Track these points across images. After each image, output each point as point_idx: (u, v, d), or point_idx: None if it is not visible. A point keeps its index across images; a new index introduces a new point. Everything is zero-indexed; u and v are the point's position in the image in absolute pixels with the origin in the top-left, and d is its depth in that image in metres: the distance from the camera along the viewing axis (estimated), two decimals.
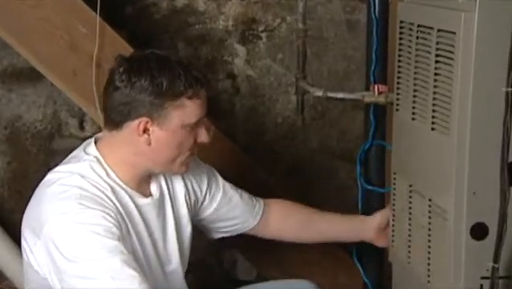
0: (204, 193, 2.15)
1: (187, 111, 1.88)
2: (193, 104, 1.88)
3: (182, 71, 1.87)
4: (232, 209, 2.21)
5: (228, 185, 2.22)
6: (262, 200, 2.28)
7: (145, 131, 1.87)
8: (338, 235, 2.34)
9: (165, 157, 1.92)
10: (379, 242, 2.33)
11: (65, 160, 1.96)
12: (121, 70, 1.87)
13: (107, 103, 1.90)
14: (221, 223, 2.22)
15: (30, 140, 2.84)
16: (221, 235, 2.26)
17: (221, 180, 2.21)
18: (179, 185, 2.08)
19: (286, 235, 2.33)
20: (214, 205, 2.18)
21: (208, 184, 2.16)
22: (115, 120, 1.89)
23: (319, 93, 2.53)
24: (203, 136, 1.94)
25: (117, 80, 1.86)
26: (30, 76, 2.76)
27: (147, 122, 1.86)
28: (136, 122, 1.86)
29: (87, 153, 1.92)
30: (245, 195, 2.25)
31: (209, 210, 2.18)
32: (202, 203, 2.16)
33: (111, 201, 1.86)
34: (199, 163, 2.17)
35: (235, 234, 2.27)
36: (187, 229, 2.09)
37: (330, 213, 2.34)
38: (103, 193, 1.86)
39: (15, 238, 2.65)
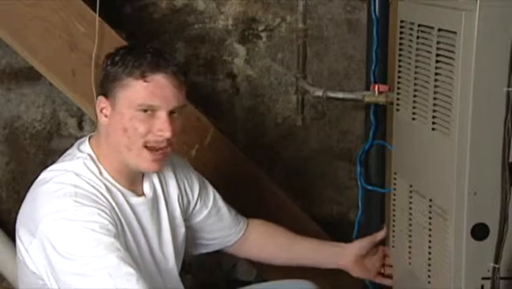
0: (196, 198, 2.14)
1: (134, 92, 1.85)
2: (138, 86, 1.85)
3: (141, 52, 1.87)
4: (219, 220, 2.20)
5: (218, 195, 2.21)
6: (245, 218, 2.28)
7: (102, 110, 1.89)
8: (315, 261, 2.32)
9: (120, 141, 1.87)
10: (355, 271, 2.31)
11: (59, 159, 1.95)
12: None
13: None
14: (205, 234, 2.21)
15: (29, 140, 2.83)
16: (200, 250, 2.25)
17: (211, 188, 2.20)
18: (172, 187, 2.07)
19: (263, 256, 2.33)
20: (205, 212, 2.17)
21: (199, 189, 2.15)
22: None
23: (319, 93, 2.53)
24: (158, 125, 1.86)
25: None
26: (29, 76, 2.75)
27: (101, 100, 1.89)
28: (97, 101, 1.90)
29: (80, 151, 1.92)
30: (232, 210, 2.24)
31: (199, 217, 2.17)
32: (194, 208, 2.15)
33: (106, 198, 1.86)
34: (190, 169, 2.16)
35: (215, 249, 2.26)
36: (181, 229, 2.08)
37: (309, 238, 2.33)
38: (97, 190, 1.85)
39: (14, 238, 2.64)
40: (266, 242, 2.30)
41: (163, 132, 1.86)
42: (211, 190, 2.20)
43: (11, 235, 2.70)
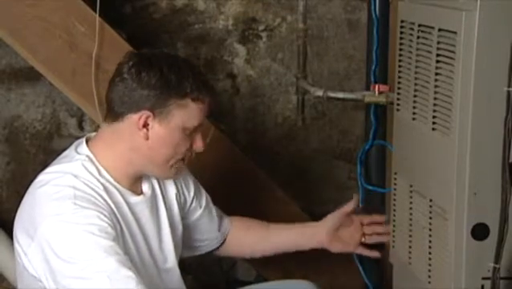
0: (191, 197, 2.15)
1: (189, 112, 1.87)
2: (196, 107, 1.87)
3: (191, 72, 1.88)
4: (210, 221, 2.21)
5: (209, 198, 2.22)
6: (228, 218, 2.28)
7: (145, 125, 1.86)
8: (293, 245, 2.31)
9: (160, 156, 1.90)
10: (333, 247, 2.29)
11: (55, 161, 1.93)
12: (131, 63, 1.87)
13: (112, 94, 1.89)
14: (198, 235, 2.21)
15: (29, 140, 2.83)
16: (189, 253, 2.23)
17: (203, 189, 2.21)
18: (170, 185, 2.07)
19: (243, 251, 2.34)
20: (199, 211, 2.17)
21: (194, 188, 2.16)
22: (117, 111, 1.87)
23: (320, 93, 2.53)
24: (199, 143, 1.93)
25: (125, 73, 1.86)
26: (29, 76, 2.75)
27: (148, 116, 1.85)
28: (138, 115, 1.85)
29: (78, 153, 1.91)
30: (219, 211, 2.25)
31: (194, 216, 2.17)
32: (190, 206, 2.15)
33: (105, 200, 1.85)
34: (185, 168, 2.16)
35: (203, 251, 2.26)
36: (179, 227, 2.08)
37: (282, 225, 2.32)
38: (96, 192, 1.84)
39: None
40: (244, 236, 2.30)
41: (201, 149, 1.94)
42: (203, 191, 2.21)
43: (12, 235, 2.70)
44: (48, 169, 1.90)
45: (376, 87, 2.42)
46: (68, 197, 1.80)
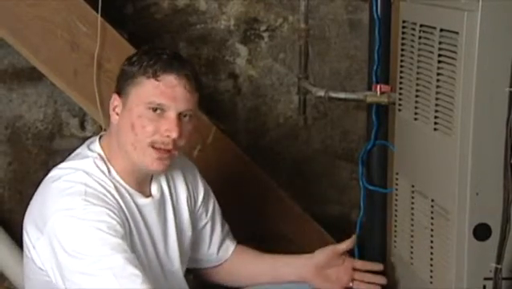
0: (200, 201, 2.13)
1: (143, 89, 1.86)
2: (150, 84, 1.86)
3: (157, 53, 1.90)
4: (212, 233, 2.16)
5: (217, 208, 2.18)
6: (233, 247, 2.21)
7: (114, 108, 1.91)
8: (275, 276, 2.20)
9: (125, 138, 1.88)
10: (317, 283, 2.17)
11: (69, 157, 1.96)
12: None
13: None
14: (197, 245, 2.16)
15: (31, 140, 2.83)
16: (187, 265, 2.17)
17: (212, 201, 2.17)
18: (182, 189, 2.06)
19: (227, 279, 2.24)
20: (204, 219, 2.15)
21: (204, 194, 2.14)
22: None
23: (321, 93, 2.52)
24: (166, 126, 1.85)
25: None
26: (31, 76, 2.75)
27: (115, 98, 1.91)
28: (111, 99, 1.92)
29: (91, 150, 1.93)
30: (226, 234, 2.20)
31: (201, 222, 2.15)
32: (198, 211, 2.13)
33: (115, 198, 1.86)
34: (197, 172, 2.15)
35: (197, 266, 2.20)
36: (188, 232, 2.07)
37: (267, 254, 2.24)
38: (107, 190, 1.86)
39: (16, 238, 2.64)
40: (244, 266, 2.23)
41: (170, 133, 1.86)
42: (213, 201, 2.17)
43: (13, 235, 2.70)
44: (61, 165, 1.92)
45: (378, 87, 2.42)
46: (79, 194, 1.81)
